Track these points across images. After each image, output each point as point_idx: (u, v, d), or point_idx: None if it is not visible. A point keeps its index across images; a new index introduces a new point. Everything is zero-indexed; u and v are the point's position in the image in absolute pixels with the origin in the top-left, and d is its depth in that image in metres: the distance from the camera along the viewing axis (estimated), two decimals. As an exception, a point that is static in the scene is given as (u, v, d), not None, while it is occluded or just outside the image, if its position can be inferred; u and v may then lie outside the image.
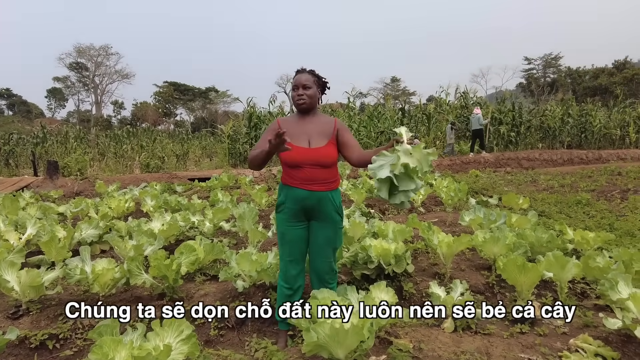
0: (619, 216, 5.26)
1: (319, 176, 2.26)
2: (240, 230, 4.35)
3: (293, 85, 2.35)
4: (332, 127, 2.36)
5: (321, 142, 2.30)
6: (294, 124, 2.34)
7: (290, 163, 2.26)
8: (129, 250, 3.53)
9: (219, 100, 55.58)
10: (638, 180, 8.11)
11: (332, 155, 2.29)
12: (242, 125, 16.85)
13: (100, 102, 52.25)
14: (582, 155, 15.72)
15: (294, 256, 2.40)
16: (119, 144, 18.72)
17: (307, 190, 2.25)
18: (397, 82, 56.90)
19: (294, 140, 2.26)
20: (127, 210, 5.95)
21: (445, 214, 5.65)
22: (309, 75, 2.34)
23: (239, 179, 9.78)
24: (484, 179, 9.04)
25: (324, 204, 2.29)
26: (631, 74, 41.31)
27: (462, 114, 19.10)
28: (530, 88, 49.23)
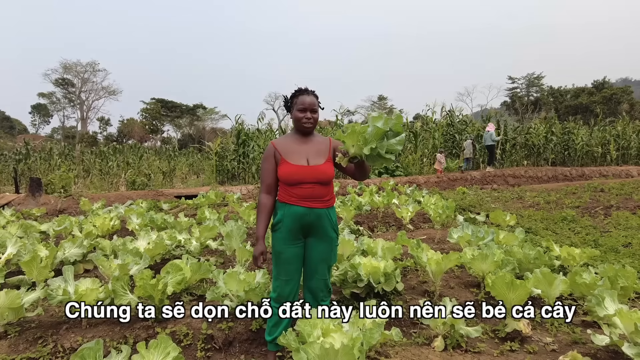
0: (603, 232, 5.34)
1: (318, 193, 2.28)
2: (227, 248, 4.29)
3: (300, 107, 2.33)
4: (328, 146, 2.40)
5: (319, 160, 2.33)
6: (291, 143, 2.36)
7: (290, 181, 2.27)
8: (113, 270, 3.44)
9: (207, 117, 55.52)
10: (620, 196, 8.27)
11: (330, 172, 2.33)
12: (230, 142, 16.84)
13: (86, 119, 51.73)
14: (566, 172, 16.03)
15: (290, 275, 2.34)
16: (104, 160, 18.50)
17: (306, 207, 2.26)
18: (384, 100, 57.68)
19: (293, 159, 2.29)
20: (112, 228, 5.83)
21: (434, 231, 5.67)
22: (314, 99, 2.36)
23: (226, 196, 9.71)
24: (471, 196, 9.12)
25: (322, 221, 2.30)
26: (610, 94, 42.61)
27: (448, 131, 19.40)
28: (515, 106, 50.27)
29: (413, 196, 8.49)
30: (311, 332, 1.88)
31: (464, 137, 19.09)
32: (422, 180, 13.86)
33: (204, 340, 2.71)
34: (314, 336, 1.88)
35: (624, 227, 5.56)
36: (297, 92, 2.39)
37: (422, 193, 8.90)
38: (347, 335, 1.87)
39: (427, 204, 6.48)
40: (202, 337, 2.72)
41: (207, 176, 16.76)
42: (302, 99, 2.33)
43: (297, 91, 2.40)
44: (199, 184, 16.26)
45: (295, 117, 2.34)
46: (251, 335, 2.78)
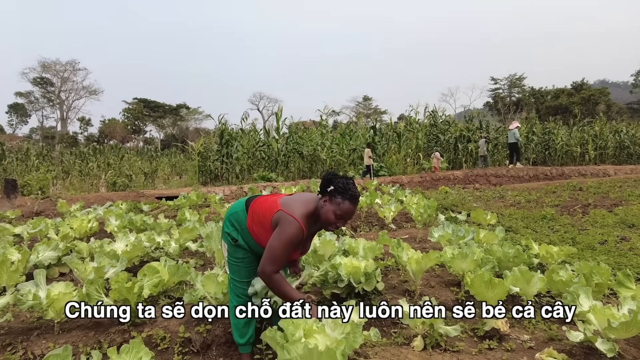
0: (581, 230, 5.44)
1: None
2: (207, 250, 4.23)
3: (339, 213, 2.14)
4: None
5: (309, 244, 2.43)
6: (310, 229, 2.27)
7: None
8: (89, 273, 3.36)
9: (190, 117, 54.99)
10: (597, 195, 8.46)
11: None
12: (213, 143, 16.68)
13: (66, 119, 50.64)
14: (546, 171, 16.33)
15: (252, 277, 2.37)
16: (84, 161, 18.16)
17: None
18: (369, 101, 58.03)
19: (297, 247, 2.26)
20: (90, 230, 5.70)
21: (416, 231, 5.69)
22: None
23: (208, 197, 9.59)
24: (453, 196, 9.20)
25: None
26: (588, 95, 43.68)
27: (431, 132, 19.60)
28: (497, 107, 51.13)
29: (396, 196, 8.51)
30: (294, 332, 1.85)
31: (446, 137, 19.32)
32: (406, 180, 13.95)
33: (181, 344, 2.66)
34: (296, 336, 1.85)
35: (600, 225, 5.67)
36: (344, 192, 2.15)
37: (404, 193, 8.95)
38: (330, 338, 1.85)
39: (409, 204, 6.51)
40: (179, 340, 2.67)
41: (190, 177, 16.59)
42: (347, 208, 2.15)
43: (345, 190, 2.15)
44: (181, 184, 16.07)
45: (326, 217, 2.15)
46: (230, 338, 2.73)
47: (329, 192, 2.16)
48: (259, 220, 2.22)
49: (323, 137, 17.78)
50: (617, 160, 21.65)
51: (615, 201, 7.52)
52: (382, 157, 18.19)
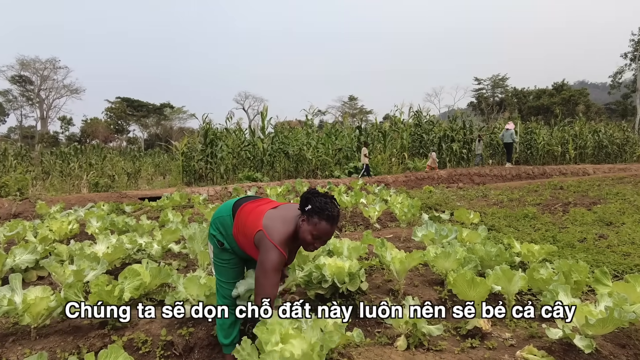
0: (561, 228, 5.54)
1: None
2: (190, 252, 4.17)
3: (316, 234, 2.09)
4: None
5: (294, 255, 2.44)
6: (291, 249, 2.24)
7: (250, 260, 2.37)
8: (67, 276, 3.29)
9: (174, 117, 54.32)
10: (577, 194, 8.63)
11: None
12: (197, 142, 16.49)
13: (46, 118, 49.45)
14: (528, 170, 16.60)
15: (239, 278, 2.38)
16: (65, 161, 17.75)
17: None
18: (355, 101, 58.18)
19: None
20: (71, 232, 5.58)
21: (400, 230, 5.72)
22: (336, 227, 2.20)
23: (192, 197, 9.48)
24: (437, 195, 9.29)
25: None
26: (568, 95, 44.63)
27: (416, 132, 19.76)
28: (481, 107, 51.81)
29: (380, 195, 8.55)
30: (269, 338, 1.83)
31: (430, 136, 19.49)
32: (391, 179, 14.03)
33: (163, 347, 2.62)
34: (272, 343, 1.83)
35: (580, 223, 5.79)
36: (321, 212, 2.08)
37: (389, 192, 8.99)
38: (306, 341, 1.83)
39: (394, 203, 6.54)
40: (161, 343, 2.63)
41: (174, 177, 16.37)
42: (323, 228, 2.08)
43: (321, 210, 2.08)
44: (165, 185, 15.86)
45: (303, 237, 2.11)
46: (213, 340, 2.70)
47: (306, 212, 2.11)
48: (243, 232, 2.19)
49: (309, 137, 17.74)
50: (596, 160, 22.15)
51: (594, 199, 7.69)
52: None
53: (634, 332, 2.44)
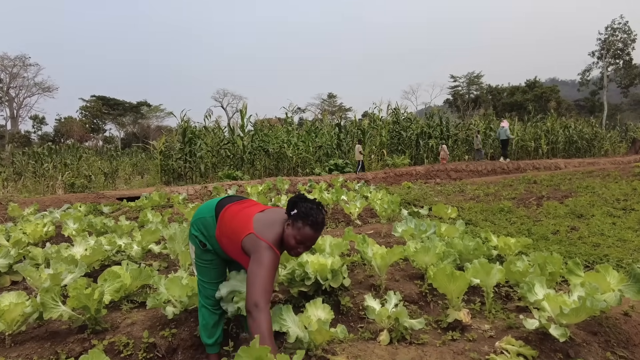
0: (535, 221, 5.72)
1: None
2: (171, 252, 4.12)
3: (301, 239, 2.08)
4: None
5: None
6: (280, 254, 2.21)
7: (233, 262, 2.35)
8: (44, 281, 3.20)
9: (152, 115, 53.29)
10: (550, 187, 8.90)
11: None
12: (175, 141, 16.26)
13: (17, 117, 47.70)
14: (503, 165, 17.01)
15: (222, 277, 2.38)
16: (39, 162, 17.20)
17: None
18: (334, 98, 58.30)
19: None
20: (46, 235, 5.43)
21: (380, 226, 5.79)
22: (321, 233, 2.16)
23: (171, 197, 9.35)
24: (415, 191, 9.42)
25: None
26: (540, 92, 45.88)
27: (394, 129, 19.98)
28: (457, 104, 52.74)
29: (361, 192, 8.62)
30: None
31: (408, 133, 19.75)
32: (370, 176, 14.15)
33: (145, 350, 2.59)
34: None
35: (553, 216, 5.99)
36: (305, 217, 2.08)
37: (369, 189, 9.07)
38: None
39: (374, 200, 6.61)
40: (143, 346, 2.60)
41: (152, 176, 16.11)
42: (307, 233, 2.07)
43: (306, 215, 2.08)
44: (143, 184, 15.58)
45: (287, 242, 2.09)
46: (196, 341, 2.69)
47: (292, 216, 2.10)
48: (228, 235, 2.16)
49: (289, 135, 17.72)
50: (567, 154, 22.89)
51: (566, 193, 7.95)
52: (348, 154, 18.37)
53: (604, 320, 2.55)
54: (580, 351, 2.27)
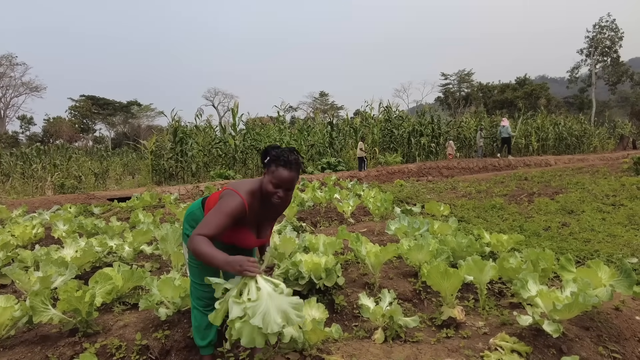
0: (527, 218, 5.76)
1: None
2: (163, 253, 4.09)
3: (274, 182, 2.02)
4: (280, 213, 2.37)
5: (267, 229, 2.32)
6: (257, 208, 2.14)
7: (230, 249, 2.20)
8: (33, 284, 3.15)
9: (142, 115, 52.84)
10: (541, 184, 8.99)
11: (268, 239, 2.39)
12: (166, 140, 16.14)
13: (4, 117, 47.03)
14: (494, 162, 17.14)
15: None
16: (27, 163, 16.94)
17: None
18: (326, 97, 58.27)
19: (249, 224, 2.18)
20: (35, 237, 5.35)
21: (374, 224, 5.79)
22: (294, 175, 2.05)
23: (162, 197, 9.28)
24: (408, 188, 9.45)
25: None
26: (530, 90, 46.27)
27: (386, 127, 20.02)
28: (448, 101, 53.04)
29: (354, 190, 8.63)
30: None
31: (400, 131, 19.81)
32: (363, 174, 14.17)
33: (138, 352, 2.56)
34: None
35: (544, 212, 6.04)
36: (277, 159, 2.03)
37: (362, 187, 9.08)
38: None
39: (367, 198, 6.61)
40: (136, 348, 2.57)
41: (143, 177, 15.97)
42: (280, 174, 2.01)
43: (277, 157, 2.04)
44: (134, 185, 15.44)
45: (265, 189, 2.05)
46: (190, 342, 2.67)
47: (266, 164, 2.08)
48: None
49: (281, 133, 17.68)
50: (557, 151, 23.12)
51: (557, 189, 8.03)
52: (340, 152, 18.38)
53: (596, 315, 2.57)
54: (573, 346, 2.29)
